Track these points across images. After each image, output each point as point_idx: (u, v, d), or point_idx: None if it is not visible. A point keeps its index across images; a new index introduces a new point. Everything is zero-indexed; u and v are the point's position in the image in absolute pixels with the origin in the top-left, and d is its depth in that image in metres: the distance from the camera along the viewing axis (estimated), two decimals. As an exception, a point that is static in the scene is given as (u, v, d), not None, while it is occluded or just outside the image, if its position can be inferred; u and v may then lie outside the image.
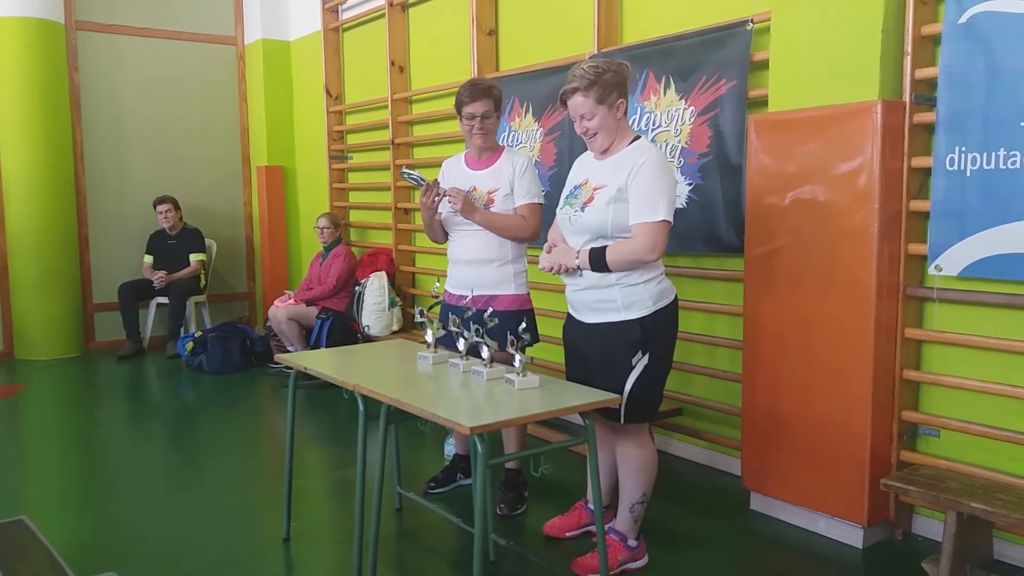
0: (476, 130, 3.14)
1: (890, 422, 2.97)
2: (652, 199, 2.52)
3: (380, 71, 5.89)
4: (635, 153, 2.59)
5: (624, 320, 2.61)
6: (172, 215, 6.66)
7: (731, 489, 3.50)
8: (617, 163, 2.61)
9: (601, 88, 2.55)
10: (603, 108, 2.57)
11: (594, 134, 2.62)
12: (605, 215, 2.57)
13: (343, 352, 3.25)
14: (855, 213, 2.86)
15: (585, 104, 2.57)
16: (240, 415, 5.02)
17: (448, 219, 3.25)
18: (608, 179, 2.60)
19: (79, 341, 6.69)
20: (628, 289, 2.59)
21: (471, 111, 3.13)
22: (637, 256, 2.54)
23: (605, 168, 2.65)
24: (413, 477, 3.59)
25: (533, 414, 2.19)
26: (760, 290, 3.18)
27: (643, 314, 2.60)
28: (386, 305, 5.60)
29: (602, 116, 2.58)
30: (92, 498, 3.65)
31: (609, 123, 2.60)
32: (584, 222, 2.63)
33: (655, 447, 2.81)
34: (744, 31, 3.40)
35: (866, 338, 2.87)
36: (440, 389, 2.56)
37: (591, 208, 2.61)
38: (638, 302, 2.60)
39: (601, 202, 2.58)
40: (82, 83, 6.72)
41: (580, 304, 2.73)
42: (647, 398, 2.67)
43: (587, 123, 2.60)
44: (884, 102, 2.78)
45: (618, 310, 2.61)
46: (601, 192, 2.60)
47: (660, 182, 2.53)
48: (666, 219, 2.52)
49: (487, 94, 3.13)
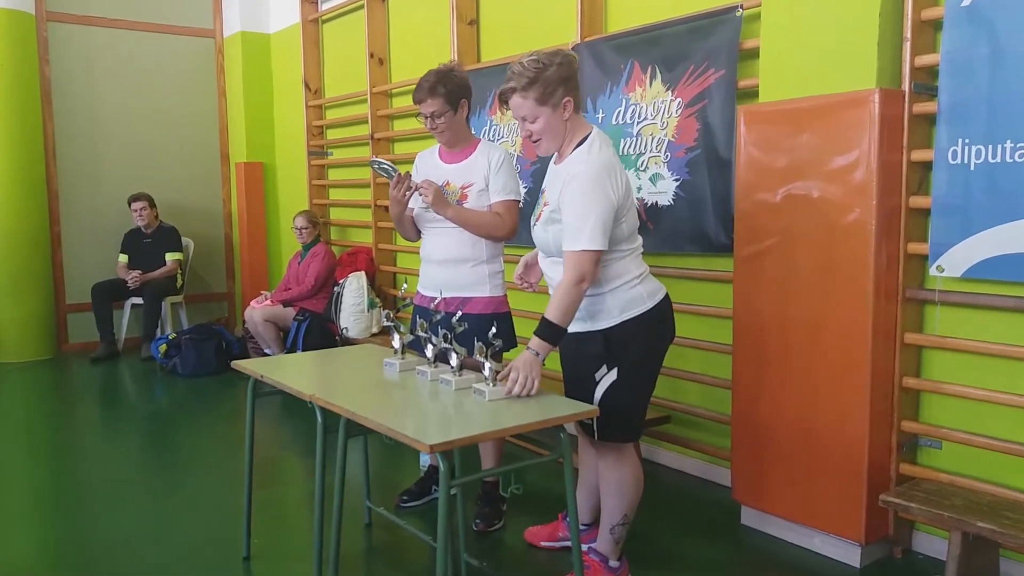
0: (432, 129, 2.98)
1: (889, 433, 2.79)
2: (575, 225, 2.25)
3: (359, 64, 5.69)
4: (569, 165, 2.33)
5: (588, 331, 2.40)
6: (147, 213, 6.46)
7: (721, 502, 3.32)
8: (558, 174, 2.38)
9: (543, 86, 2.28)
10: (546, 109, 2.30)
11: (537, 139, 2.36)
12: (547, 236, 2.39)
13: (306, 358, 3.07)
14: (851, 210, 2.68)
15: (525, 105, 2.30)
16: (212, 421, 4.82)
17: (420, 215, 3.06)
18: (551, 193, 2.39)
19: (52, 343, 6.49)
20: (590, 299, 2.37)
21: (423, 111, 2.96)
22: (571, 295, 2.26)
23: (550, 180, 2.45)
24: (386, 489, 3.41)
25: (502, 428, 2.00)
26: (750, 292, 3.00)
27: (607, 325, 2.37)
28: (365, 306, 5.41)
29: (546, 118, 2.31)
30: (53, 509, 3.47)
31: (555, 125, 2.33)
32: (536, 238, 2.48)
33: (640, 464, 2.61)
34: (733, 18, 3.22)
35: (863, 343, 2.70)
36: (404, 400, 2.37)
37: (539, 225, 2.44)
38: (601, 312, 2.38)
39: (543, 221, 2.41)
40: (54, 76, 6.51)
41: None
42: (622, 416, 2.42)
43: (529, 126, 2.34)
44: (882, 91, 2.60)
45: (584, 319, 2.41)
46: (546, 209, 2.41)
47: (585, 205, 2.24)
48: (587, 249, 2.23)
49: (432, 92, 2.90)
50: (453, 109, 2.94)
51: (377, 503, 3.15)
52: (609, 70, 3.73)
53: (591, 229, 2.23)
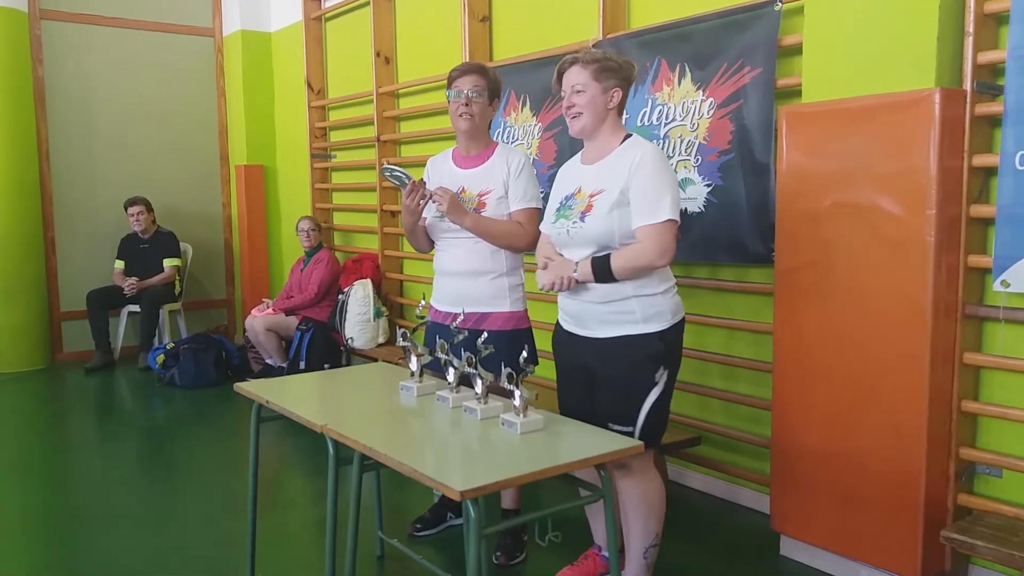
0: (462, 109, 2.74)
1: (946, 460, 2.57)
2: (654, 198, 2.27)
3: (365, 63, 5.47)
4: (629, 151, 2.35)
5: (645, 333, 2.35)
6: (144, 218, 6.23)
7: (757, 530, 3.10)
8: (611, 165, 2.36)
9: (603, 67, 2.35)
10: (597, 86, 2.34)
11: (579, 113, 2.37)
12: (609, 223, 2.31)
13: (313, 379, 2.85)
14: (907, 220, 2.46)
15: (580, 75, 2.35)
16: (212, 437, 4.60)
17: (434, 225, 2.85)
18: (605, 183, 2.34)
19: (46, 352, 6.27)
20: (647, 300, 2.34)
21: (459, 86, 2.75)
22: (646, 261, 2.28)
23: (598, 172, 2.39)
24: (398, 516, 3.19)
25: (541, 470, 1.77)
26: (793, 307, 2.79)
27: (663, 327, 2.36)
28: (371, 315, 5.19)
29: (593, 94, 2.35)
30: (44, 534, 3.25)
31: (599, 106, 2.35)
32: (586, 233, 2.35)
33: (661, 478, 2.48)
34: (771, 12, 3.01)
35: (920, 364, 2.48)
36: (425, 431, 2.15)
37: (592, 217, 2.34)
38: (658, 314, 2.36)
39: (603, 208, 2.32)
40: (47, 76, 6.28)
41: (588, 316, 2.41)
42: (660, 421, 2.43)
43: (575, 98, 2.36)
44: (943, 90, 2.39)
45: (637, 322, 2.35)
46: (600, 198, 2.33)
47: (661, 178, 2.29)
48: (671, 218, 2.28)
49: (480, 71, 2.76)
50: (489, 100, 2.77)
51: (389, 533, 2.94)
52: (633, 69, 3.51)
53: (671, 202, 2.27)
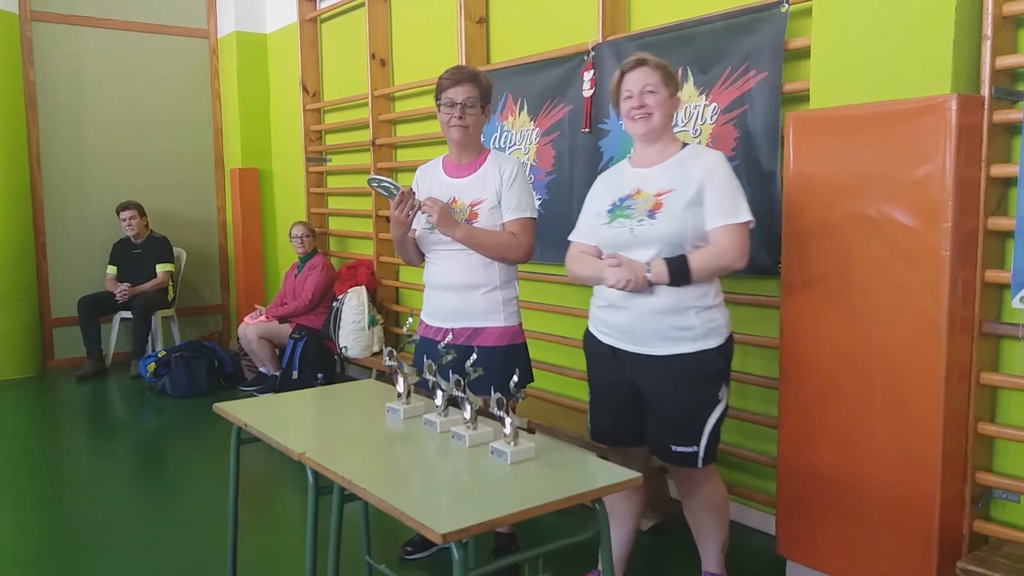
0: (455, 120, 2.62)
1: (961, 484, 2.45)
2: (734, 199, 2.27)
3: (360, 65, 5.35)
4: (698, 154, 2.36)
5: (706, 349, 2.31)
6: (137, 222, 6.12)
7: (763, 553, 2.97)
8: (678, 167, 2.33)
9: (667, 74, 2.37)
10: (665, 91, 2.34)
11: (650, 113, 2.32)
12: (684, 221, 2.25)
13: (299, 399, 2.72)
14: (922, 233, 2.33)
15: (652, 76, 2.33)
16: (201, 450, 4.47)
17: (424, 236, 2.73)
18: (675, 182, 2.30)
19: (36, 359, 6.16)
20: (706, 314, 2.30)
21: (451, 97, 2.62)
22: (727, 261, 2.25)
23: (660, 174, 2.35)
24: (387, 538, 3.06)
25: (530, 508, 1.64)
26: (801, 322, 2.66)
27: (721, 342, 2.34)
28: (366, 324, 5.06)
29: (663, 97, 2.34)
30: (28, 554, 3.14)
31: (667, 109, 2.35)
32: (656, 231, 2.27)
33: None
34: (778, 14, 2.88)
35: (934, 383, 2.35)
36: (410, 460, 2.03)
37: (664, 215, 2.27)
38: (716, 328, 2.32)
39: (676, 206, 2.26)
40: (38, 79, 6.17)
41: (643, 331, 2.32)
42: (719, 435, 2.40)
43: (648, 98, 2.32)
44: (960, 96, 2.26)
45: (696, 339, 2.30)
46: (672, 196, 2.28)
47: (736, 181, 2.31)
48: (751, 219, 2.28)
49: (472, 80, 2.63)
50: (481, 107, 2.65)
51: (377, 557, 2.81)
52: (634, 72, 3.39)
53: (746, 204, 2.28)
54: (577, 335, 3.89)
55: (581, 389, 3.93)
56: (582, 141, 3.67)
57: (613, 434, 2.52)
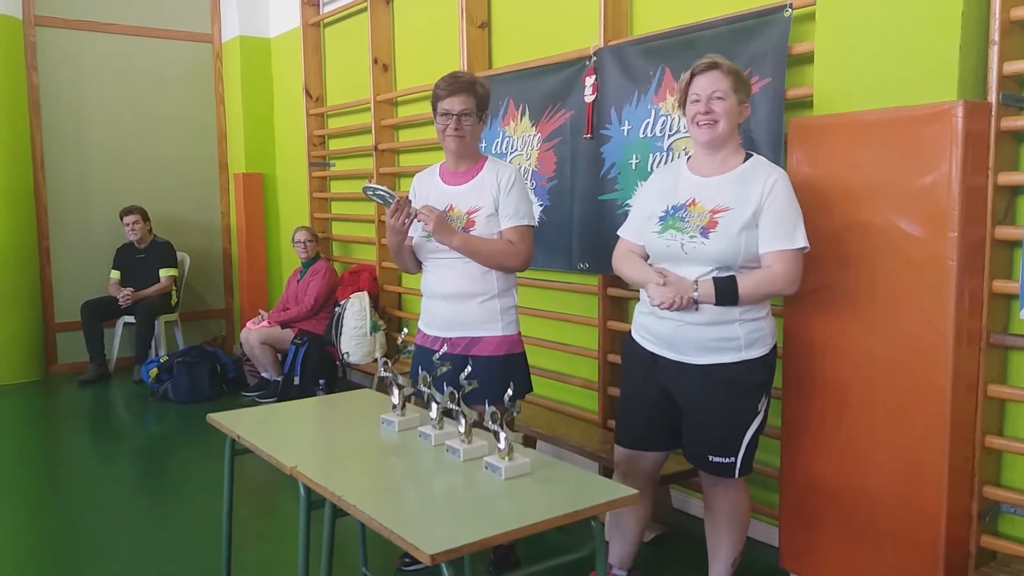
0: (450, 131, 2.59)
1: (968, 498, 2.40)
2: (790, 224, 2.22)
3: (363, 70, 5.33)
4: (762, 170, 2.26)
5: (748, 359, 2.27)
6: (140, 227, 6.10)
7: (766, 566, 2.93)
8: (738, 182, 2.25)
9: (739, 80, 2.27)
10: (734, 97, 2.25)
11: (716, 120, 2.24)
12: (737, 244, 2.21)
13: (294, 409, 2.69)
14: (927, 241, 2.29)
15: (723, 82, 2.24)
16: (202, 457, 4.44)
17: (421, 245, 2.70)
18: (731, 200, 2.24)
19: (39, 364, 6.15)
20: (751, 324, 2.27)
21: (446, 107, 2.60)
22: (776, 288, 2.23)
23: (720, 187, 2.27)
24: (384, 549, 3.01)
25: (523, 527, 1.61)
26: (803, 332, 2.61)
27: (765, 352, 2.30)
28: (367, 330, 5.03)
29: (731, 104, 2.25)
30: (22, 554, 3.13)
31: (734, 117, 2.26)
32: (708, 251, 2.22)
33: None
34: (781, 18, 2.83)
35: (941, 395, 2.30)
36: (404, 474, 1.99)
37: (717, 235, 2.22)
38: (761, 339, 2.29)
39: (732, 228, 2.21)
40: (42, 84, 6.16)
41: (685, 342, 2.29)
42: (756, 445, 2.39)
43: (715, 103, 2.23)
44: (966, 103, 2.21)
45: (739, 349, 2.27)
46: (728, 216, 2.22)
47: (795, 204, 2.24)
48: (806, 245, 2.23)
49: (468, 89, 2.59)
50: (478, 116, 2.62)
51: (374, 568, 2.78)
52: (636, 77, 3.35)
53: (803, 229, 2.23)
54: (580, 342, 3.87)
55: (582, 397, 3.89)
56: (584, 147, 3.63)
57: (644, 439, 2.45)
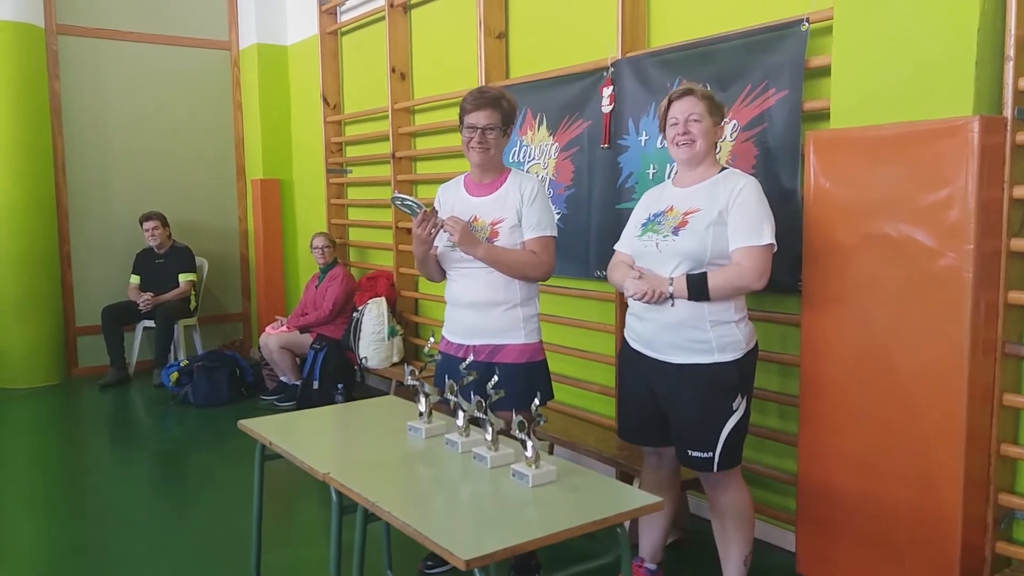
0: (475, 144, 2.66)
1: (984, 506, 2.44)
2: (757, 222, 2.37)
3: (380, 78, 5.40)
4: (731, 178, 2.46)
5: (720, 362, 2.41)
6: (160, 232, 6.19)
7: (783, 570, 2.96)
8: (709, 188, 2.46)
9: (712, 104, 2.48)
10: (709, 120, 2.46)
11: (693, 140, 2.45)
12: (704, 239, 2.39)
13: (322, 416, 2.75)
14: (943, 254, 2.33)
15: (697, 106, 2.46)
16: (223, 462, 4.52)
17: (446, 254, 2.75)
18: (702, 202, 2.44)
19: (60, 368, 6.25)
20: (722, 328, 2.41)
21: (472, 121, 2.66)
22: (744, 282, 2.37)
23: (693, 193, 2.49)
24: (408, 552, 3.08)
25: (553, 533, 1.66)
26: (822, 341, 2.66)
27: (738, 356, 2.42)
28: (385, 335, 5.10)
29: (707, 126, 2.46)
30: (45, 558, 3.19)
31: (710, 137, 2.47)
32: (677, 247, 2.42)
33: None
34: (798, 32, 2.88)
35: (957, 404, 2.35)
36: (432, 482, 2.05)
37: (687, 232, 2.41)
38: (733, 343, 2.42)
39: (699, 225, 2.40)
40: (63, 91, 6.26)
41: (661, 342, 2.48)
42: (739, 440, 2.49)
43: (692, 126, 2.45)
44: (982, 118, 2.25)
45: (711, 351, 2.41)
46: (697, 216, 2.42)
47: (763, 206, 2.41)
48: (772, 243, 2.38)
49: (494, 104, 2.65)
50: (503, 130, 2.68)
51: (398, 571, 2.84)
52: (654, 88, 3.40)
53: (771, 229, 2.38)
54: (597, 348, 3.93)
55: (601, 403, 3.94)
56: (601, 156, 3.68)
57: (637, 435, 2.68)
